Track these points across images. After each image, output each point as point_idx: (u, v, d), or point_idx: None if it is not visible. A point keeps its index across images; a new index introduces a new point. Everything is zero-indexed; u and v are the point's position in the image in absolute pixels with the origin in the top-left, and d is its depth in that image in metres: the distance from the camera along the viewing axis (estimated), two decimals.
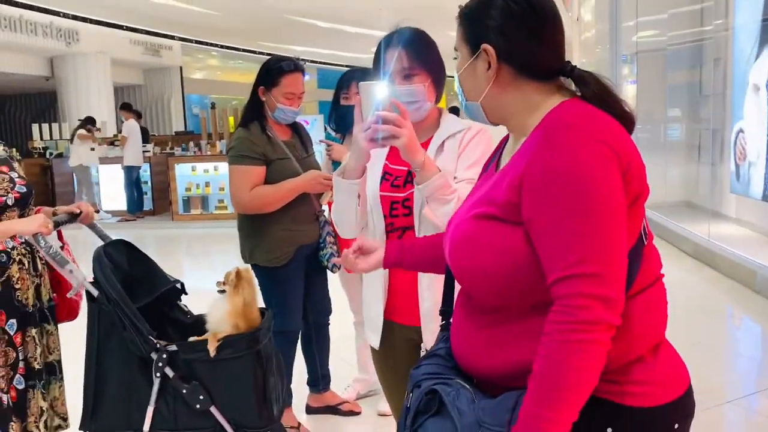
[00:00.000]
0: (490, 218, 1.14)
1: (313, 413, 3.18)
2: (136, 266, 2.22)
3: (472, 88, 1.24)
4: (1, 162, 2.21)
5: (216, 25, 16.59)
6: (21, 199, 2.17)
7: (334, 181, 1.69)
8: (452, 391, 1.16)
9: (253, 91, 2.74)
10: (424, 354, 1.67)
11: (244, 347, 1.95)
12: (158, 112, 18.31)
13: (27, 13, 13.86)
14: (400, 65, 1.68)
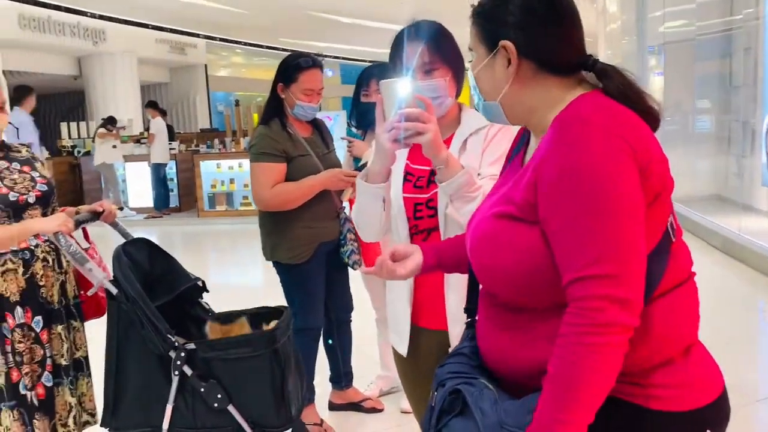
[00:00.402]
0: (509, 218, 1.12)
1: (335, 410, 3.18)
2: (156, 264, 2.22)
3: (490, 87, 1.21)
4: (23, 162, 2.25)
5: (240, 23, 16.68)
6: (42, 197, 2.20)
7: (357, 183, 1.64)
8: (475, 391, 1.14)
9: (273, 89, 2.73)
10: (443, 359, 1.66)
11: (262, 346, 1.94)
12: (184, 109, 18.48)
13: (55, 14, 14.08)
14: (421, 60, 1.63)
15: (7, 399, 2.09)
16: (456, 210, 1.56)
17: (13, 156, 2.25)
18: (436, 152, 1.47)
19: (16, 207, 2.12)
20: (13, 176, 2.17)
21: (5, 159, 2.21)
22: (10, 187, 2.14)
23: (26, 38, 13.68)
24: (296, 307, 2.83)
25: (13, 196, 2.12)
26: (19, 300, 2.11)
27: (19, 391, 2.10)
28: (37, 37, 13.82)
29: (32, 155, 2.33)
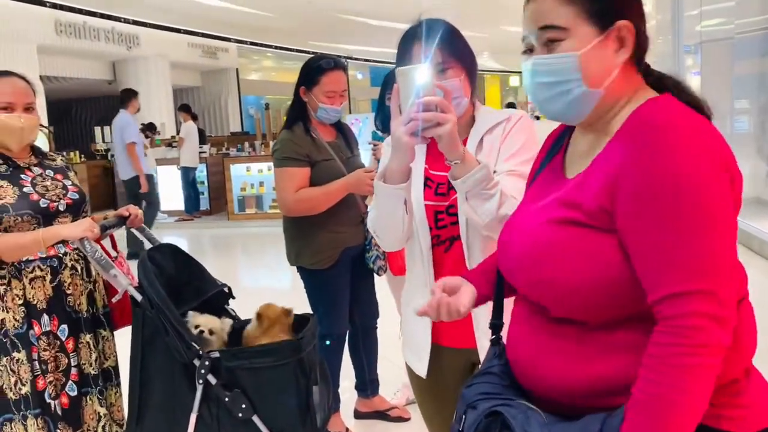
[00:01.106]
0: (576, 224, 1.03)
1: (361, 418, 3.14)
2: (182, 270, 2.20)
3: (599, 72, 1.06)
4: (57, 170, 2.27)
5: (270, 27, 16.79)
6: (73, 205, 2.21)
7: (375, 186, 1.51)
8: (518, 413, 1.04)
9: (296, 92, 2.70)
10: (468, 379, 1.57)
11: (287, 355, 1.90)
12: (215, 113, 18.67)
13: (90, 20, 14.35)
14: (434, 60, 1.52)
15: (32, 407, 2.09)
16: (473, 209, 1.43)
17: (48, 164, 2.27)
18: (453, 146, 1.35)
19: (47, 214, 2.12)
20: (46, 183, 2.19)
21: (40, 166, 2.24)
22: (42, 194, 2.15)
23: (62, 44, 13.96)
24: (320, 313, 2.79)
25: (43, 203, 2.13)
26: (45, 308, 2.11)
27: (44, 399, 2.10)
28: (73, 42, 14.09)
29: (66, 164, 2.35)
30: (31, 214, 2.10)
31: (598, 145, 1.09)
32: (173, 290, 2.04)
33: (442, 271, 1.59)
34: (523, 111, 1.68)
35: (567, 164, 1.18)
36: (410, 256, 1.68)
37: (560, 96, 1.08)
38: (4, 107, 2.11)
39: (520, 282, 1.14)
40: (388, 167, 1.45)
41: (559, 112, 1.11)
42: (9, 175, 2.13)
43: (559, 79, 1.07)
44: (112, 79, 15.89)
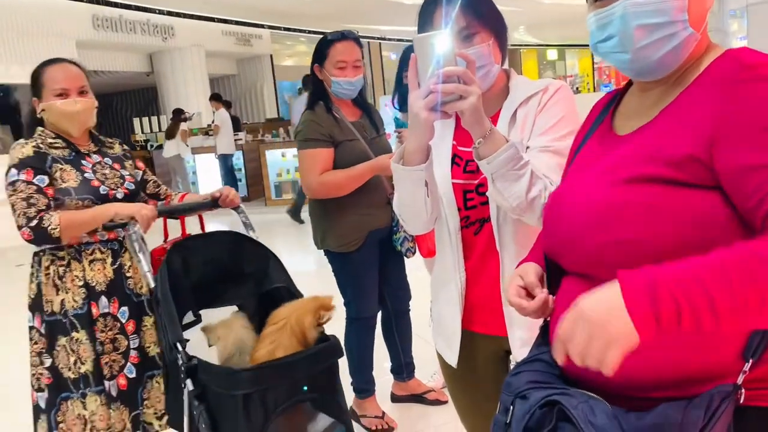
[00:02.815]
0: (659, 182, 0.93)
1: (397, 401, 3.10)
2: (239, 261, 2.09)
3: (699, 13, 0.98)
4: (115, 159, 2.30)
5: (303, 11, 16.75)
6: (129, 195, 2.24)
7: (393, 169, 1.38)
8: (579, 403, 0.93)
9: (312, 73, 2.63)
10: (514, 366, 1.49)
11: (238, 385, 1.67)
12: (251, 100, 18.78)
13: (126, 13, 14.54)
14: (457, 26, 1.38)
15: (93, 384, 2.12)
16: (499, 192, 1.30)
17: (106, 151, 2.30)
18: (477, 122, 1.23)
19: (106, 200, 2.15)
20: (105, 171, 2.22)
21: (99, 153, 2.26)
22: (102, 181, 2.18)
23: (100, 38, 14.19)
24: (349, 296, 2.76)
25: (103, 190, 2.16)
26: (105, 290, 2.14)
27: (102, 379, 2.13)
28: (110, 36, 14.31)
29: (125, 152, 2.38)
30: (92, 199, 2.13)
31: (666, 97, 1.01)
32: (216, 282, 1.99)
33: (472, 255, 1.50)
34: (563, 82, 1.55)
35: (617, 124, 1.09)
36: (439, 239, 1.58)
37: (663, 41, 0.97)
38: (59, 94, 2.13)
39: (580, 257, 1.02)
40: (405, 147, 1.34)
41: (655, 61, 0.99)
42: (72, 160, 2.16)
43: (665, 20, 0.96)
44: (149, 71, 16.10)
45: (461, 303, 1.51)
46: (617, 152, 1.02)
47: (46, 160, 2.11)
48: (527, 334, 1.43)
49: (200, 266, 2.02)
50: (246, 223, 2.25)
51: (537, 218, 1.32)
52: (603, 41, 1.02)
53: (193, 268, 2.02)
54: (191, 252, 2.03)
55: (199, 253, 2.03)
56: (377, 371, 2.96)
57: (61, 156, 2.15)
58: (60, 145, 2.17)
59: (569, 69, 31.52)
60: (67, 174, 2.12)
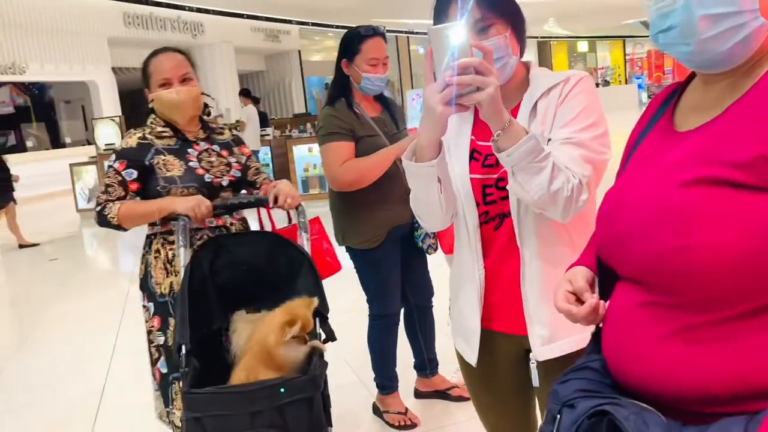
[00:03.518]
0: (730, 185, 0.86)
1: (421, 398, 3.08)
2: (278, 265, 2.02)
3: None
4: (223, 146, 2.31)
5: (331, 6, 16.79)
6: (235, 182, 2.26)
7: (404, 165, 1.34)
8: (630, 414, 0.88)
9: (337, 67, 2.62)
10: (534, 366, 1.43)
11: (191, 406, 1.59)
12: (280, 95, 18.90)
13: (156, 10, 14.74)
14: (472, 17, 1.34)
15: None
16: (520, 185, 1.25)
17: (215, 138, 2.32)
18: (496, 113, 1.19)
19: (211, 188, 2.19)
20: (211, 159, 2.24)
21: (207, 140, 2.28)
22: (207, 169, 2.21)
23: (131, 36, 14.41)
24: (371, 293, 2.75)
25: (208, 178, 2.19)
26: None
27: None
28: (141, 33, 14.52)
29: (233, 138, 2.38)
30: (196, 187, 2.17)
31: (734, 92, 0.94)
32: (246, 285, 1.95)
33: (491, 252, 1.46)
34: (585, 72, 1.50)
35: (678, 120, 1.02)
36: (457, 236, 1.55)
37: (731, 32, 0.89)
38: (162, 84, 2.17)
39: (635, 262, 0.96)
40: (417, 142, 1.30)
41: (721, 54, 0.91)
42: (177, 149, 2.21)
43: (733, 10, 0.88)
44: None
45: (480, 301, 1.47)
46: (679, 150, 0.96)
47: (149, 151, 2.18)
48: (548, 332, 1.41)
49: (231, 267, 1.99)
50: (301, 224, 2.16)
51: (560, 212, 1.28)
52: (664, 31, 0.95)
53: (222, 269, 1.99)
54: (222, 251, 2.01)
55: (231, 253, 2.01)
56: (401, 367, 2.95)
57: (167, 145, 2.20)
58: (167, 134, 2.22)
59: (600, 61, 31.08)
60: (171, 164, 2.17)
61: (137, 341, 4.16)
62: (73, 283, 6.54)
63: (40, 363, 4.23)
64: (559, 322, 1.39)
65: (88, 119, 15.73)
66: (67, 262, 7.61)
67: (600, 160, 1.32)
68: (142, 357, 2.35)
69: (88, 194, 10.81)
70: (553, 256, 1.40)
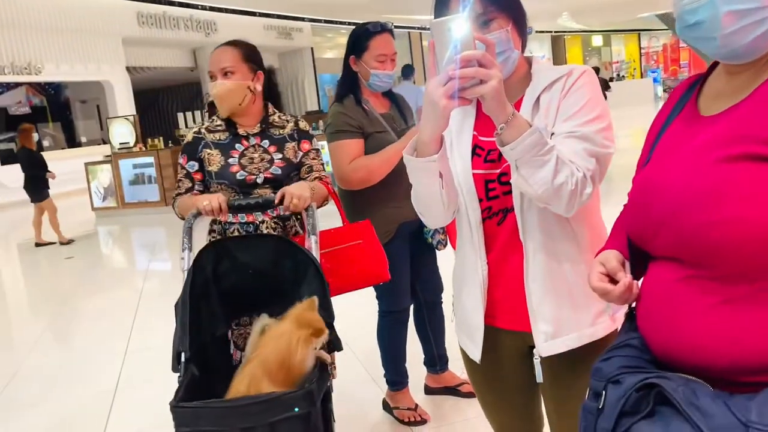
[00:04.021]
0: (763, 159, 0.91)
1: (431, 394, 3.08)
2: (285, 269, 1.94)
3: None
4: (275, 141, 2.29)
5: (342, 3, 16.77)
6: (273, 179, 2.23)
7: (405, 161, 1.33)
8: (678, 386, 0.91)
9: (345, 64, 2.62)
10: (538, 362, 1.43)
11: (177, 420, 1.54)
12: (293, 93, 18.94)
13: (170, 9, 14.83)
14: (474, 12, 1.33)
15: None
16: (524, 179, 1.24)
17: (270, 133, 2.29)
18: (500, 106, 1.18)
19: (244, 185, 2.20)
20: (254, 155, 2.24)
21: (261, 135, 2.28)
22: (244, 165, 2.21)
23: (145, 35, 14.51)
24: (381, 289, 2.75)
25: (240, 176, 2.20)
26: None
27: None
28: (155, 32, 14.62)
29: (295, 132, 2.32)
30: (227, 184, 2.20)
31: (758, 78, 0.99)
32: (251, 290, 1.89)
33: (494, 247, 1.45)
34: (587, 66, 1.49)
35: (703, 106, 1.06)
36: (459, 232, 1.54)
37: (752, 26, 0.95)
38: (211, 77, 2.23)
39: (675, 239, 0.99)
40: (418, 138, 1.28)
41: (744, 46, 0.97)
42: (225, 143, 2.24)
43: (755, 6, 0.94)
44: (193, 66, 16.39)
45: (484, 298, 1.46)
46: (707, 133, 0.99)
47: (200, 145, 2.24)
48: (551, 328, 1.40)
49: (235, 271, 1.93)
50: (310, 227, 2.04)
51: (564, 206, 1.27)
52: (691, 26, 1.00)
53: (226, 273, 1.93)
54: (227, 255, 1.95)
55: (234, 257, 1.95)
56: (411, 363, 2.95)
57: (216, 139, 2.24)
58: (221, 128, 2.26)
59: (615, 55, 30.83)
60: (213, 158, 2.22)
61: (151, 339, 4.23)
62: (89, 282, 6.61)
63: (55, 360, 4.28)
64: (562, 318, 1.40)
65: (103, 118, 15.88)
66: (83, 260, 7.69)
67: (604, 153, 1.31)
68: (155, 354, 2.38)
69: (103, 193, 10.90)
70: (557, 251, 1.39)
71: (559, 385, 1.48)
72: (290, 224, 2.32)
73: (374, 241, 2.37)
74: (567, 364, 1.44)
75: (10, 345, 4.87)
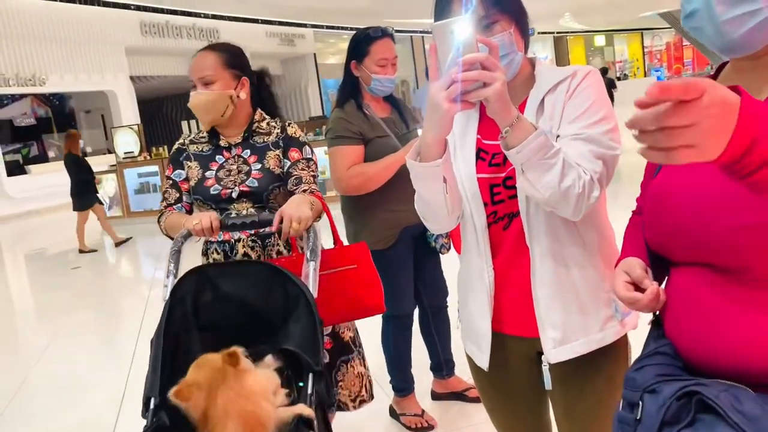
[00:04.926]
0: None
1: (438, 399, 3.06)
2: (273, 303, 1.66)
3: None
4: (257, 151, 2.10)
5: (344, 8, 16.82)
6: (250, 193, 2.04)
7: (408, 166, 1.30)
8: (719, 392, 0.89)
9: (346, 70, 2.62)
10: (546, 368, 1.41)
11: None
12: (297, 99, 18.99)
13: (172, 18, 14.89)
14: (476, 14, 1.30)
15: None
16: (531, 183, 1.22)
17: (253, 142, 2.11)
18: (504, 109, 1.16)
19: (219, 200, 2.05)
20: (232, 167, 2.08)
21: (243, 144, 2.11)
22: (220, 179, 2.06)
23: (148, 44, 14.57)
24: (384, 294, 2.73)
25: (214, 190, 2.05)
26: None
27: None
28: (158, 41, 14.68)
29: (280, 140, 2.11)
30: (201, 200, 2.07)
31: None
32: (235, 325, 1.62)
33: (500, 252, 1.43)
34: (591, 67, 1.47)
35: None
36: (464, 237, 1.52)
37: (746, 17, 0.94)
38: (193, 86, 2.05)
39: (700, 244, 0.97)
40: (421, 141, 1.25)
41: (739, 37, 0.96)
42: (205, 155, 2.12)
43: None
44: None
45: (490, 303, 1.43)
46: None
47: (182, 155, 2.14)
48: (560, 334, 1.38)
49: (218, 303, 1.66)
50: (309, 251, 1.76)
51: (572, 209, 1.25)
52: (689, 16, 0.99)
53: (207, 306, 1.65)
54: (209, 284, 1.67)
55: (218, 286, 1.67)
56: (417, 369, 2.94)
57: (198, 151, 2.13)
58: (203, 140, 2.14)
59: (618, 54, 30.77)
60: (192, 171, 2.10)
61: None
62: (96, 291, 6.62)
63: (63, 369, 4.28)
64: (571, 324, 1.38)
65: (107, 128, 15.94)
66: (90, 269, 7.70)
67: (611, 155, 1.28)
68: None
69: (109, 202, 10.93)
70: (564, 255, 1.37)
71: (569, 389, 1.46)
72: (271, 243, 2.11)
73: (370, 267, 2.09)
74: (577, 368, 1.42)
75: (18, 354, 4.88)
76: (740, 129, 0.71)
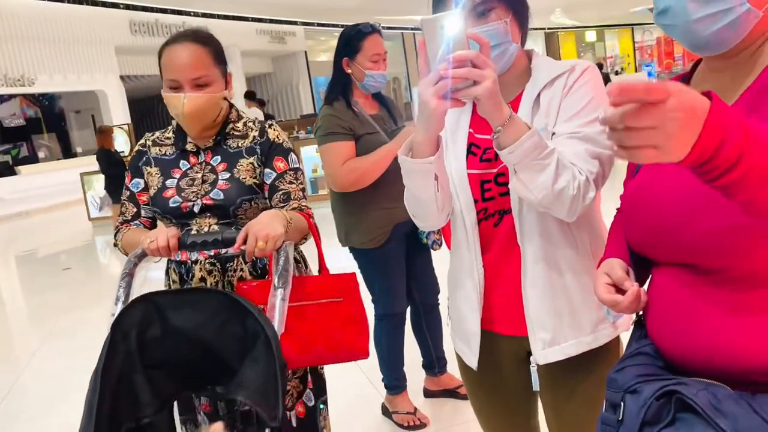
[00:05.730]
0: None
1: (430, 397, 3.07)
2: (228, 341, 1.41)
3: None
4: (228, 158, 1.79)
5: (334, 6, 16.77)
6: (213, 206, 1.75)
7: (400, 161, 1.27)
8: (698, 391, 0.89)
9: (337, 67, 2.61)
10: (535, 369, 1.40)
11: None
12: (288, 97, 18.94)
13: (162, 17, 14.82)
14: (472, 1, 1.27)
15: None
16: (523, 184, 1.19)
17: (225, 148, 1.80)
18: (495, 108, 1.13)
19: (179, 214, 1.77)
20: (196, 175, 1.79)
21: (212, 149, 1.80)
22: (182, 189, 1.77)
23: (138, 43, 14.50)
24: (376, 293, 2.74)
25: (173, 203, 1.76)
26: None
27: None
28: (148, 40, 14.60)
29: (257, 145, 1.80)
30: (159, 212, 1.80)
31: (746, 77, 0.98)
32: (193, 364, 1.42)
33: (490, 249, 1.41)
34: (590, 62, 1.45)
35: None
36: (454, 234, 1.50)
37: (718, 16, 0.94)
38: (173, 86, 1.69)
39: (682, 245, 0.97)
40: (413, 138, 1.23)
41: (710, 35, 0.96)
42: (167, 160, 1.81)
43: None
44: None
45: (480, 301, 1.41)
46: None
47: (141, 159, 1.85)
48: (550, 336, 1.36)
49: (166, 339, 1.42)
50: (277, 275, 1.48)
51: (566, 211, 1.23)
52: (661, 13, 0.99)
53: (155, 342, 1.42)
54: (157, 316, 1.42)
55: (167, 318, 1.43)
56: (409, 367, 2.94)
57: (160, 154, 1.83)
58: (169, 142, 1.83)
59: (609, 50, 30.82)
60: (152, 178, 1.82)
61: None
62: (86, 292, 6.59)
63: (53, 371, 4.26)
64: (561, 325, 1.36)
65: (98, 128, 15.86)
66: (81, 270, 7.66)
67: (608, 155, 1.25)
68: None
69: (100, 203, 10.87)
70: (557, 257, 1.35)
71: (559, 390, 1.44)
72: (232, 267, 1.80)
73: (357, 303, 1.75)
74: (567, 369, 1.40)
75: (8, 356, 4.85)
76: (706, 133, 0.72)
